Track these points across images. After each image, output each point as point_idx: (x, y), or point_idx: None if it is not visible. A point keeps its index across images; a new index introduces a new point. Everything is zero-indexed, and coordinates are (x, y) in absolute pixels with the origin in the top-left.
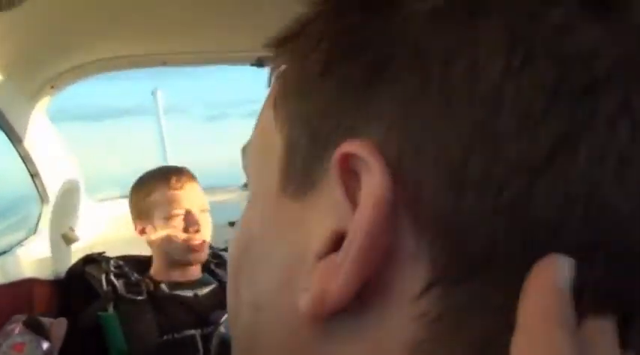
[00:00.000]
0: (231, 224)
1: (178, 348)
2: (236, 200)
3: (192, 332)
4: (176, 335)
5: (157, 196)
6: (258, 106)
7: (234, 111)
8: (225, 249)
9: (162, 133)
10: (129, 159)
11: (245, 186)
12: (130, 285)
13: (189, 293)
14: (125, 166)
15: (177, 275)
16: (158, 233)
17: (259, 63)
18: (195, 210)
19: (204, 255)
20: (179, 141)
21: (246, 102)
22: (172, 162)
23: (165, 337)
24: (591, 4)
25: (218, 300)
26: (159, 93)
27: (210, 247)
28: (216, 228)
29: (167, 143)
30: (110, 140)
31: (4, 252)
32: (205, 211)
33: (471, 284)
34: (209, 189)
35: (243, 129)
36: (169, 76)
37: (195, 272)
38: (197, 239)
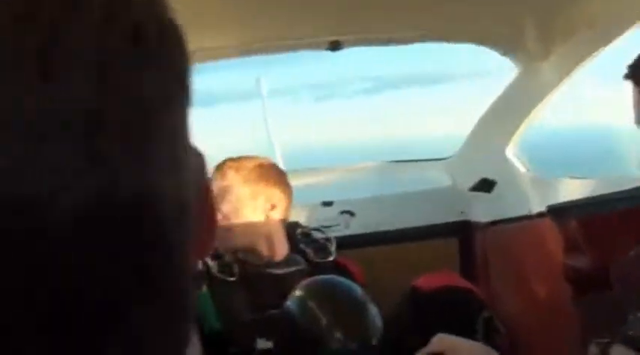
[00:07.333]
0: (326, 204)
1: (268, 325)
2: (330, 180)
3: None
4: (265, 313)
5: None
6: (365, 85)
7: (340, 91)
8: (315, 229)
9: (266, 118)
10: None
11: None
12: (222, 266)
13: (278, 271)
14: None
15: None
16: None
17: (334, 47)
18: None
19: None
20: (284, 124)
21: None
22: (276, 144)
23: (255, 314)
24: None
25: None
26: (262, 80)
27: (300, 226)
28: (309, 207)
29: (271, 127)
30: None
31: None
32: None
33: None
34: (304, 170)
35: (349, 108)
36: (269, 63)
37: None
38: None
